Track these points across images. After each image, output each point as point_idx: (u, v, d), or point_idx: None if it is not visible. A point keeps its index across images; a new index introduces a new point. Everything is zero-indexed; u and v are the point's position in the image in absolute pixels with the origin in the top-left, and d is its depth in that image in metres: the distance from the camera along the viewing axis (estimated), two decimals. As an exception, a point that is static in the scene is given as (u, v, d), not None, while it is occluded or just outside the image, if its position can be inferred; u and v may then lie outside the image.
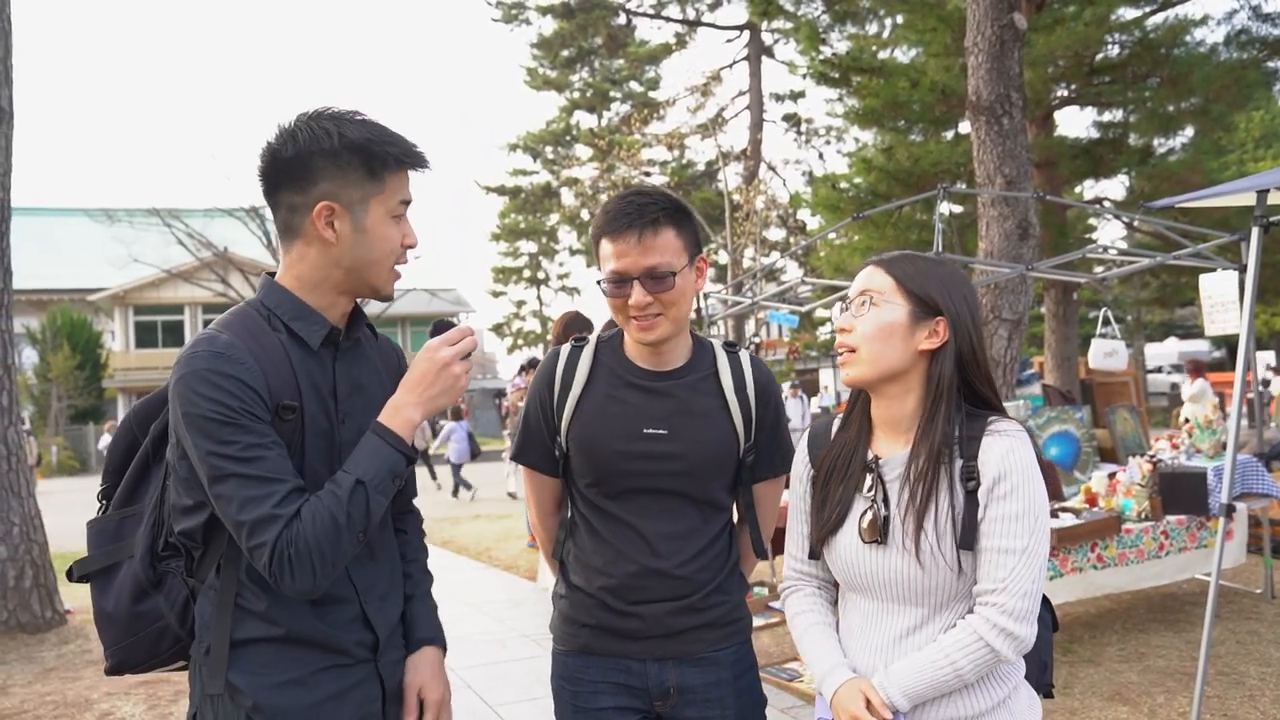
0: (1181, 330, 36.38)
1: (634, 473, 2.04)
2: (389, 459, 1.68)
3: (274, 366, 1.67)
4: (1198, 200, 5.10)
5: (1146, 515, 5.63)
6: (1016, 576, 1.68)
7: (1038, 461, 1.78)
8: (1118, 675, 4.87)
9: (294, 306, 1.74)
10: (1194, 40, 11.99)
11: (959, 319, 1.79)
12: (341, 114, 1.72)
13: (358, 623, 1.79)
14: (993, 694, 1.78)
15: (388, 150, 1.71)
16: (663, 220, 1.98)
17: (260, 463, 1.60)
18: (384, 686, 1.82)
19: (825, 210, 15.20)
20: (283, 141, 1.70)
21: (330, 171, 1.68)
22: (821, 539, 1.88)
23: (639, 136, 28.34)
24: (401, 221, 1.76)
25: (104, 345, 34.82)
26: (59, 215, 39.62)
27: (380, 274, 1.76)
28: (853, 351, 1.81)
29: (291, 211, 1.72)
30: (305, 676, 1.72)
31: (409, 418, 1.72)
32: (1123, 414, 7.72)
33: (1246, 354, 4.19)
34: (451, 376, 1.74)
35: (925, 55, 12.90)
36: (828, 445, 1.94)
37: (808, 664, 1.92)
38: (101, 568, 1.83)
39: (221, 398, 1.59)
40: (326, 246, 1.71)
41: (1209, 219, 10.20)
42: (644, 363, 2.10)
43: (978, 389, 1.82)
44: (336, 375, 1.79)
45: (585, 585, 2.10)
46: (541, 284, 41.74)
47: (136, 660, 1.83)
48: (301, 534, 1.59)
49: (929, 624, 1.78)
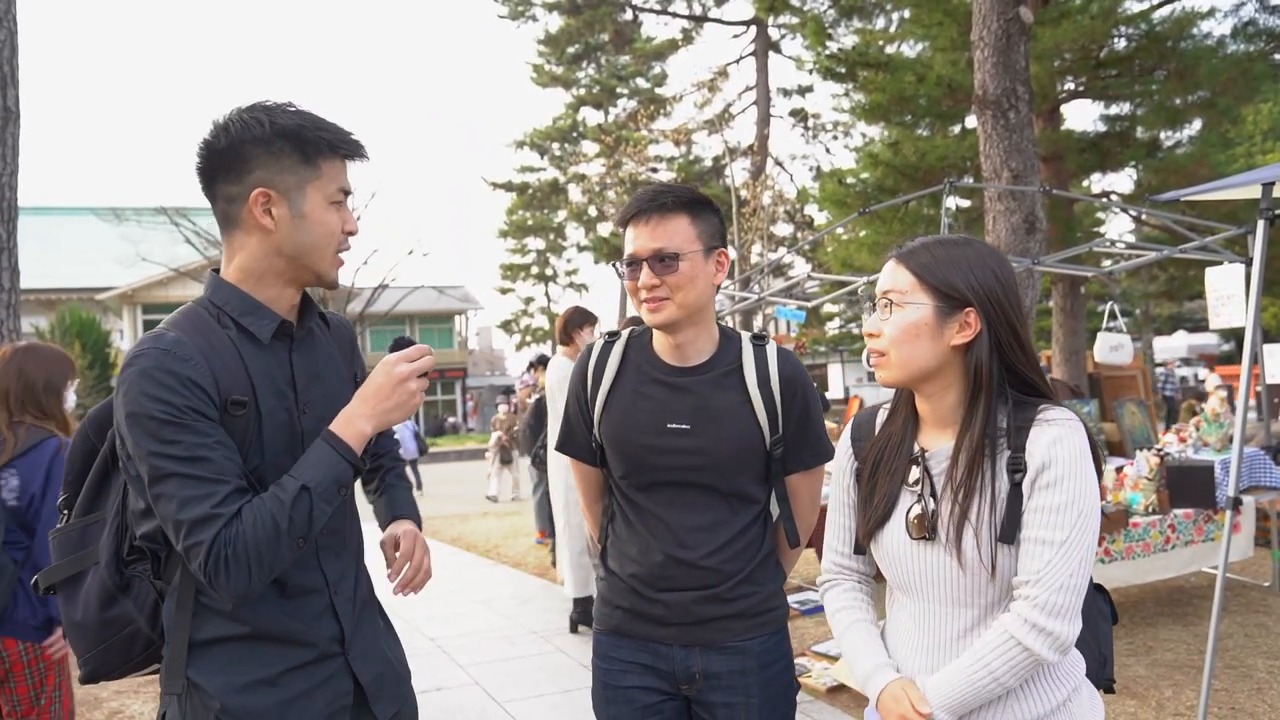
0: (1190, 324, 36.25)
1: (660, 466, 2.10)
2: (336, 467, 1.68)
3: (223, 363, 1.67)
4: (1204, 193, 5.09)
5: (1154, 509, 5.63)
6: (1053, 569, 1.59)
7: (1091, 450, 1.68)
8: (1125, 669, 4.87)
9: (242, 302, 1.74)
10: (1201, 33, 11.92)
11: (992, 305, 1.69)
12: (274, 104, 1.73)
13: (327, 614, 1.79)
14: (1050, 697, 1.70)
15: (320, 136, 1.72)
16: (676, 207, 2.07)
17: (203, 463, 1.59)
18: (356, 680, 1.82)
19: (832, 205, 15.16)
20: (215, 134, 1.71)
21: (264, 159, 1.69)
22: (869, 533, 1.83)
23: (646, 133, 28.30)
24: (341, 208, 1.77)
25: (113, 344, 34.94)
26: (66, 214, 39.70)
27: (322, 259, 1.77)
28: (883, 355, 1.75)
29: (229, 202, 1.73)
30: (274, 676, 1.72)
31: (360, 429, 1.72)
32: (1130, 408, 7.71)
33: (1253, 347, 4.19)
34: (407, 392, 1.75)
35: (931, 49, 12.86)
36: (873, 437, 1.89)
37: (849, 663, 1.88)
38: (67, 577, 1.82)
39: (167, 396, 1.58)
40: (266, 234, 1.72)
41: (1216, 212, 10.14)
42: (669, 358, 2.16)
43: (1023, 375, 1.73)
44: (294, 367, 1.79)
45: (619, 571, 2.20)
46: (549, 280, 41.74)
47: (110, 667, 1.83)
48: (240, 535, 1.57)
49: (980, 626, 1.71)
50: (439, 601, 7.32)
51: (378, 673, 1.87)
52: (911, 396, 1.83)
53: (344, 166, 1.78)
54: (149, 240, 27.93)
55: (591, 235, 35.94)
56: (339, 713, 1.79)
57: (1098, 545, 5.29)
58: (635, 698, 2.16)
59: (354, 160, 1.80)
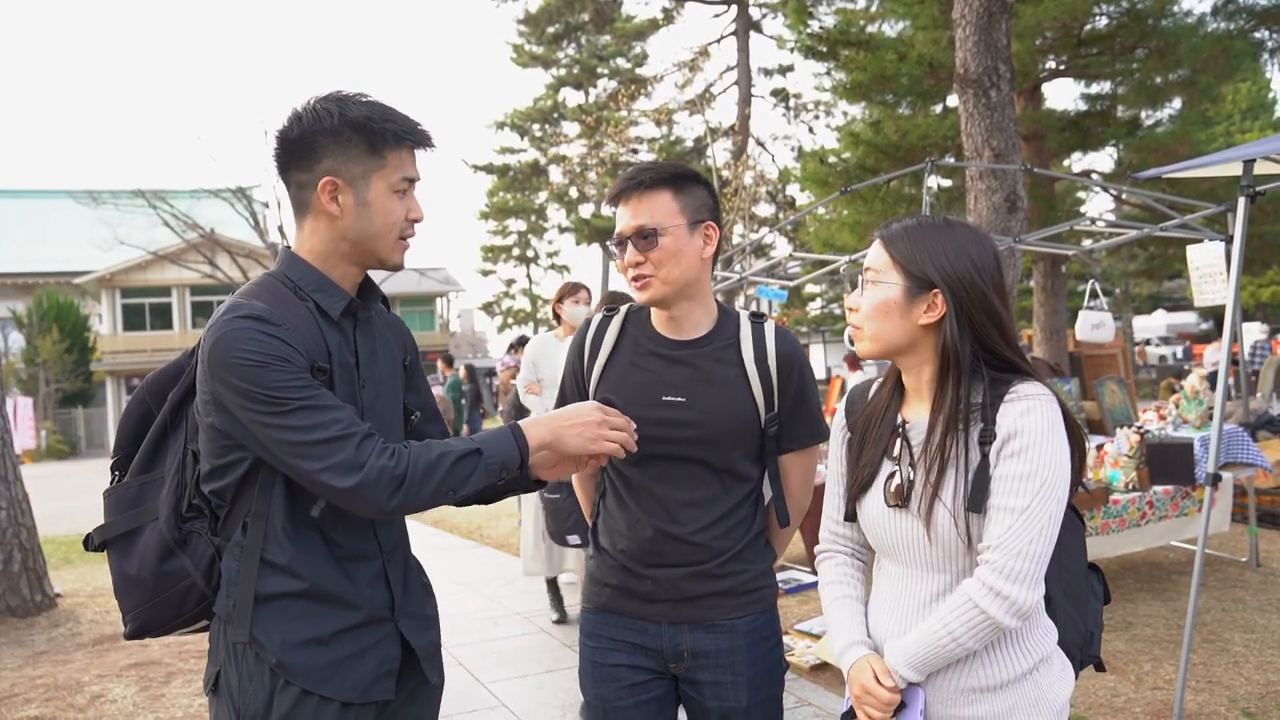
0: (1170, 302, 36.53)
1: (654, 439, 2.08)
2: (509, 451, 1.82)
3: (306, 332, 1.77)
4: (1185, 170, 5.11)
5: (1134, 486, 5.67)
6: (1013, 535, 1.64)
7: (1067, 424, 1.73)
8: (1105, 644, 4.89)
9: (315, 279, 1.85)
10: (1182, 10, 11.97)
11: (960, 289, 1.75)
12: (346, 95, 1.82)
13: (380, 581, 1.89)
14: (1015, 664, 1.75)
15: (386, 127, 1.80)
16: (656, 183, 2.06)
17: (323, 396, 1.71)
18: (405, 645, 1.92)
19: (814, 185, 15.17)
20: (290, 124, 1.81)
21: (333, 149, 1.79)
22: (852, 499, 1.90)
23: (626, 113, 28.17)
24: (406, 196, 1.86)
25: (91, 328, 34.64)
26: (43, 197, 39.28)
27: (384, 246, 1.86)
28: (859, 329, 1.85)
29: (300, 189, 1.83)
30: (326, 636, 1.80)
31: (539, 434, 1.87)
32: (1111, 386, 7.75)
33: (1233, 325, 4.21)
34: (594, 433, 1.91)
35: (913, 28, 12.84)
36: (864, 408, 1.96)
37: (830, 635, 1.94)
38: (121, 533, 1.89)
39: (271, 348, 1.69)
40: (332, 220, 1.82)
41: (1196, 190, 10.21)
42: (666, 332, 2.16)
43: (1000, 353, 1.78)
44: (358, 343, 1.90)
45: (609, 547, 2.20)
46: (531, 262, 41.66)
47: (162, 620, 1.89)
48: (405, 457, 1.70)
49: (951, 591, 1.76)
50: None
51: (429, 639, 2.00)
52: (898, 369, 1.90)
53: (411, 156, 1.86)
54: (127, 223, 27.68)
55: (573, 216, 35.85)
56: (385, 676, 1.88)
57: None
58: (623, 676, 2.16)
59: (421, 149, 1.88)
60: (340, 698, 1.79)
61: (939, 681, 1.76)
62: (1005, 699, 1.75)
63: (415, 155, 1.87)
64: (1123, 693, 4.33)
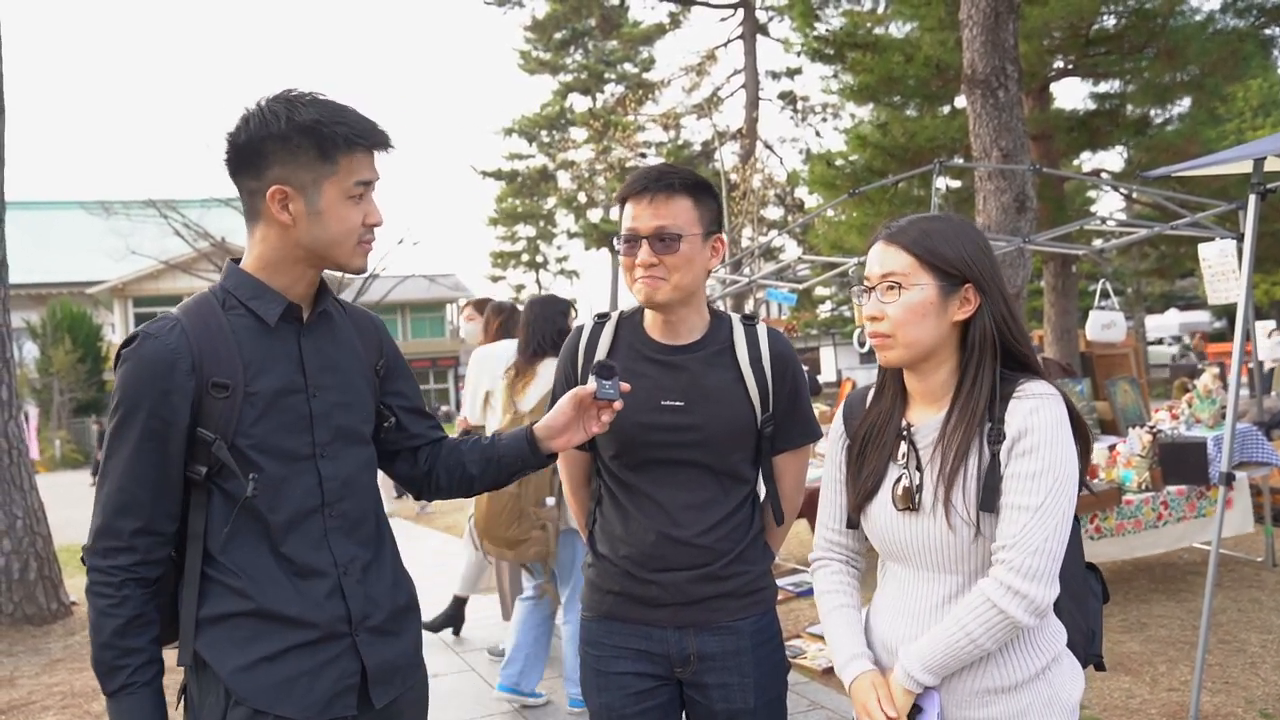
0: (1182, 301, 36.35)
1: (653, 444, 2.09)
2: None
3: (214, 345, 1.71)
4: (1195, 169, 5.09)
5: (1147, 486, 5.64)
6: (1028, 533, 1.63)
7: (1073, 422, 1.73)
8: (1120, 645, 4.89)
9: (252, 287, 1.77)
10: (1190, 8, 11.93)
11: (984, 278, 1.74)
12: (295, 96, 1.72)
13: (335, 596, 1.80)
14: (1028, 664, 1.74)
15: (338, 130, 1.70)
16: (681, 188, 2.06)
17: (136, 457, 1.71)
18: (364, 664, 1.82)
19: (822, 188, 15.16)
20: (238, 128, 1.72)
21: (281, 155, 1.69)
22: (857, 507, 1.88)
23: (634, 118, 28.22)
24: (363, 201, 1.76)
25: (104, 338, 34.81)
26: (54, 208, 39.52)
27: (342, 252, 1.77)
28: (888, 337, 1.77)
29: (250, 195, 1.75)
30: (275, 654, 1.74)
31: None
32: (1123, 386, 7.71)
33: (1245, 323, 4.19)
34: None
35: (920, 29, 12.83)
36: (863, 415, 1.93)
37: (830, 647, 1.92)
38: None
39: (125, 382, 1.69)
40: (284, 229, 1.74)
41: (1207, 189, 10.16)
42: (661, 337, 2.16)
43: (1012, 348, 1.77)
44: (304, 350, 1.81)
45: (610, 554, 2.18)
46: (540, 268, 41.69)
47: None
48: (110, 601, 1.70)
49: (964, 592, 1.75)
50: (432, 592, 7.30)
51: (386, 658, 1.87)
52: (899, 375, 1.87)
53: (367, 157, 1.76)
54: (138, 233, 27.79)
55: (581, 221, 35.87)
56: (345, 693, 1.80)
57: (1089, 523, 5.30)
58: (628, 684, 2.14)
59: (378, 150, 1.78)
60: (296, 716, 1.74)
61: (954, 684, 1.75)
62: (1020, 699, 1.74)
63: (373, 156, 1.77)
64: (1138, 694, 4.31)
